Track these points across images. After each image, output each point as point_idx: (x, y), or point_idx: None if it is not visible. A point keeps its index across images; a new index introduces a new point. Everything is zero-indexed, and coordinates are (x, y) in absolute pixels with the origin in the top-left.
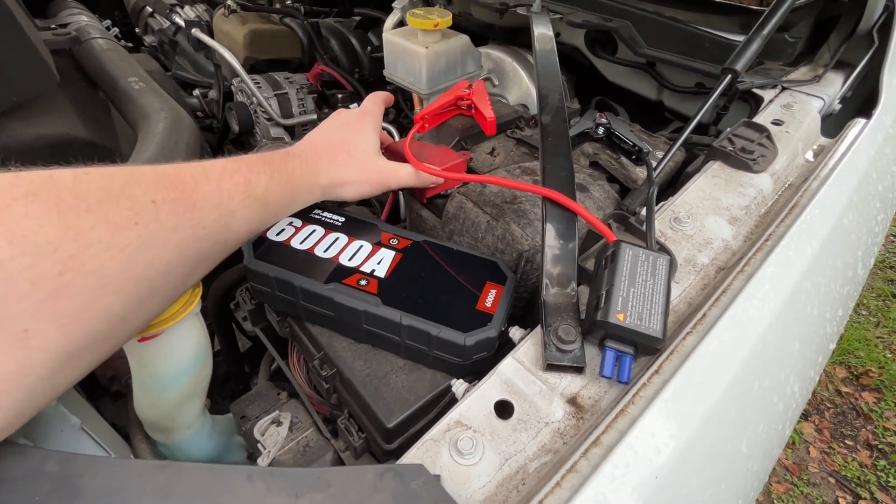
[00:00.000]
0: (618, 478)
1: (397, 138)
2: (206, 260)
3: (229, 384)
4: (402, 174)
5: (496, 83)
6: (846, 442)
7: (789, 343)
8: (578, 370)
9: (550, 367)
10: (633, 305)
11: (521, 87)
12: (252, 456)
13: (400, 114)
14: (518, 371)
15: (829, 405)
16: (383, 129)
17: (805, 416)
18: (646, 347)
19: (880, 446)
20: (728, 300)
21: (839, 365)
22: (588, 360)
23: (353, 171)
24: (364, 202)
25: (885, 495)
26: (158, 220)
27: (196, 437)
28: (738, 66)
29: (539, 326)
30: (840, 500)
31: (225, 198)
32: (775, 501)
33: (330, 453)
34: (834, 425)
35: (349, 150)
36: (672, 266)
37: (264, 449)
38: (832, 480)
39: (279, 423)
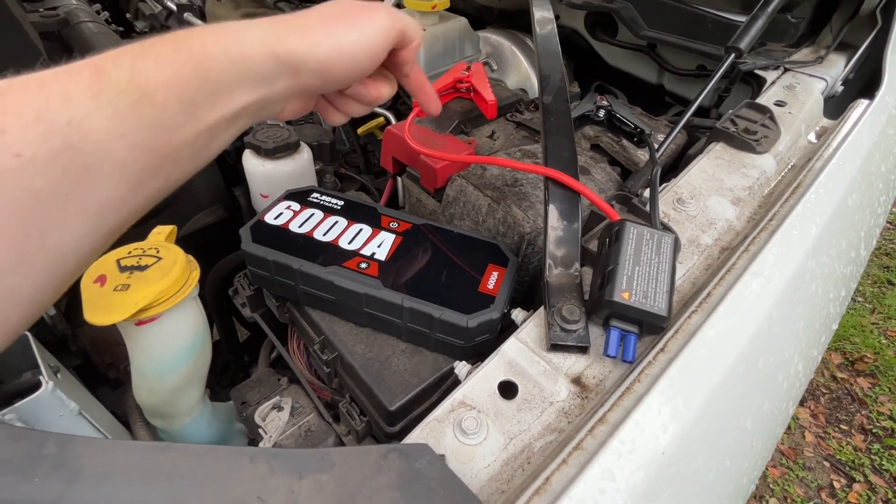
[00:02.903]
0: (624, 454)
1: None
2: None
3: (228, 373)
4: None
5: (495, 67)
6: (841, 426)
7: (794, 322)
8: (583, 350)
9: (554, 346)
10: (637, 284)
11: (521, 72)
12: (253, 442)
13: (398, 100)
14: (521, 351)
15: (824, 390)
16: (380, 115)
17: (801, 401)
18: (651, 326)
19: (874, 430)
20: (733, 279)
21: (835, 351)
22: (592, 339)
23: (350, 35)
24: (363, 188)
25: (879, 478)
26: None
27: (196, 424)
28: (742, 45)
29: (542, 308)
30: (834, 483)
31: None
32: (771, 485)
33: (332, 437)
34: (829, 410)
35: (345, 18)
36: (678, 244)
37: (265, 434)
38: (827, 464)
39: (280, 409)
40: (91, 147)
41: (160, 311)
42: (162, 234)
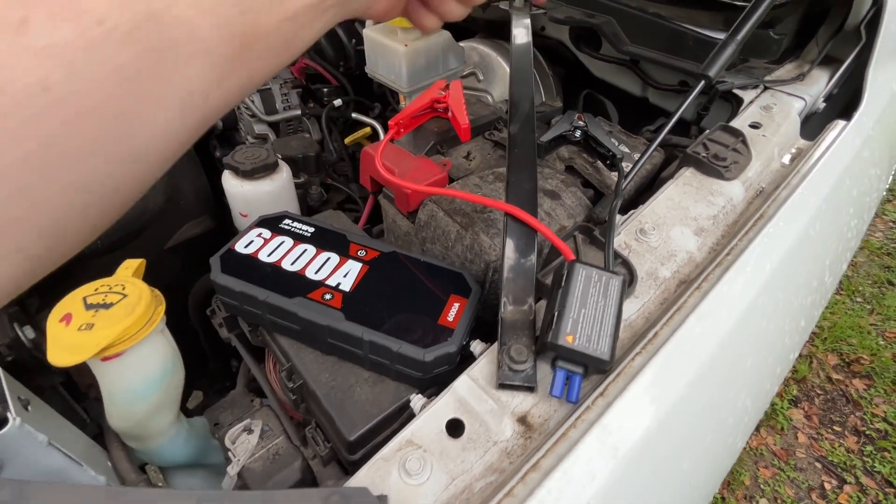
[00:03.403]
0: None
1: (382, 136)
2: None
3: (216, 384)
4: None
5: (481, 78)
6: (834, 428)
7: (741, 360)
8: (530, 389)
9: (502, 385)
10: (583, 327)
11: (507, 83)
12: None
13: (387, 107)
14: (472, 389)
15: (819, 392)
16: (367, 125)
17: (795, 402)
18: (595, 367)
19: (868, 432)
20: (680, 319)
21: (831, 352)
22: (542, 377)
23: None
24: (349, 199)
25: (870, 480)
26: None
27: (171, 443)
28: (712, 73)
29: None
30: (825, 484)
31: None
32: (762, 486)
33: (298, 461)
34: (823, 411)
35: None
36: (625, 286)
37: (234, 457)
38: (819, 465)
39: (250, 431)
40: (174, 21)
41: (125, 348)
42: (130, 268)
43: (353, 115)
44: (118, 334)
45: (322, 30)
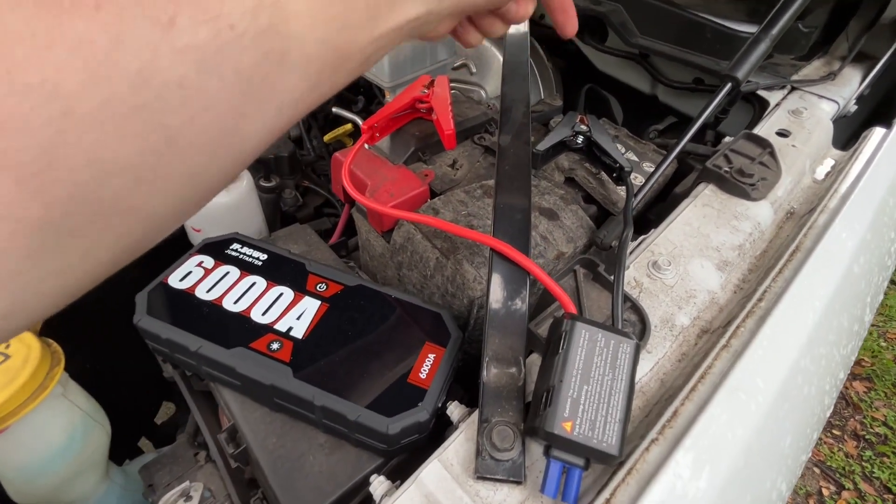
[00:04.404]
0: None
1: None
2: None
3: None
4: None
5: (474, 70)
6: (833, 432)
7: (779, 441)
8: (516, 483)
9: (482, 477)
10: (584, 410)
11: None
12: None
13: (372, 101)
14: (443, 482)
15: None
16: (349, 120)
17: None
18: (599, 459)
19: (867, 437)
20: (706, 392)
21: None
22: (532, 461)
23: None
24: (327, 204)
25: (869, 486)
26: None
27: (103, 502)
28: (740, 75)
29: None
30: (823, 490)
31: None
32: None
33: None
34: None
35: None
36: (638, 351)
37: None
38: (817, 470)
39: (188, 498)
40: (289, 32)
41: (8, 423)
42: None
43: (334, 109)
44: None
45: (389, 50)
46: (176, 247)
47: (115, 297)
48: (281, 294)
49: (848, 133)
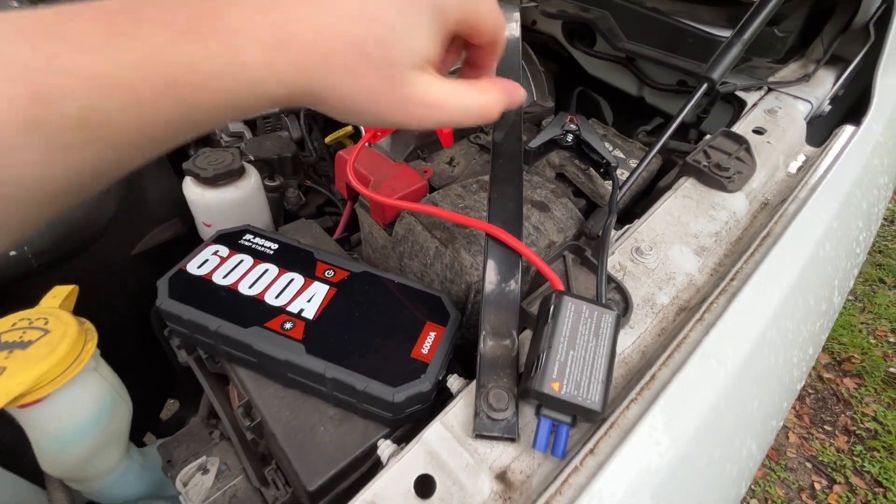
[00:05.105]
0: None
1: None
2: None
3: (192, 393)
4: (452, 110)
5: None
6: (825, 427)
7: (747, 403)
8: (510, 440)
9: (480, 436)
10: (570, 372)
11: None
12: None
13: None
14: (444, 441)
15: (810, 391)
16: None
17: None
18: (585, 417)
19: (858, 432)
20: (682, 358)
21: (822, 351)
22: (525, 423)
23: (366, 93)
24: (329, 203)
25: (860, 479)
26: None
27: (121, 481)
28: (715, 75)
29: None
30: (815, 484)
31: None
32: (752, 486)
33: None
34: (814, 411)
35: (371, 55)
36: (619, 322)
37: (186, 501)
38: (809, 465)
39: (205, 471)
40: (12, 179)
41: (46, 393)
42: (58, 297)
43: None
44: (35, 380)
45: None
46: (183, 245)
47: (121, 294)
48: (292, 279)
49: (824, 133)
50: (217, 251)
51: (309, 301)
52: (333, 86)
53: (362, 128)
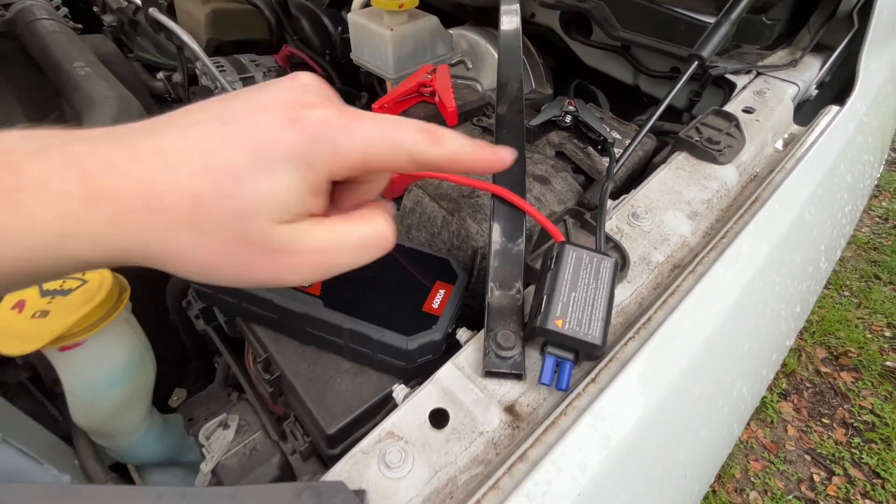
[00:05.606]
0: (537, 496)
1: None
2: None
3: (199, 381)
4: (341, 252)
5: (470, 66)
6: (823, 420)
7: (737, 345)
8: (518, 377)
9: (489, 373)
10: (573, 311)
11: (496, 70)
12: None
13: (375, 97)
14: (456, 378)
15: (808, 385)
16: (357, 96)
17: (784, 395)
18: (587, 353)
19: (856, 424)
20: (675, 303)
21: (819, 345)
22: (531, 364)
23: (211, 251)
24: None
25: (858, 471)
26: None
27: (143, 440)
28: (705, 53)
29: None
30: (814, 476)
31: None
32: (752, 478)
33: (277, 457)
34: (812, 404)
35: (212, 209)
36: (617, 268)
37: (208, 453)
38: (808, 458)
39: (226, 426)
40: None
41: (84, 337)
42: None
43: None
44: (75, 322)
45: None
46: None
47: (133, 276)
48: None
49: (811, 116)
50: None
51: None
52: (166, 242)
53: (371, 107)
